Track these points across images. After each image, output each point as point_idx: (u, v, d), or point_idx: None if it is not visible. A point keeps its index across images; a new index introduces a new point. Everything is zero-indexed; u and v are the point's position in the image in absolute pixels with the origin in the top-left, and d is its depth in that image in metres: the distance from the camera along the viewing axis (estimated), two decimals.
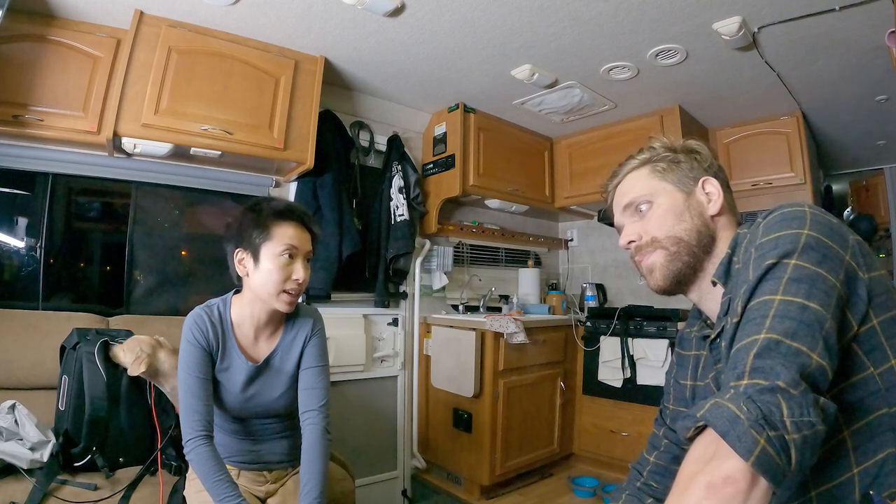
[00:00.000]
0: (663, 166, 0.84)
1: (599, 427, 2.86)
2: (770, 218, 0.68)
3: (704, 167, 0.84)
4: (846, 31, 1.92)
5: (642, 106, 2.78)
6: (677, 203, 0.82)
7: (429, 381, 2.78)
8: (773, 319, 0.58)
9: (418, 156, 2.95)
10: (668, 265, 0.80)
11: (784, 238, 0.64)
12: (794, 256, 0.62)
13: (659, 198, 0.83)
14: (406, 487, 2.70)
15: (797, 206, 0.68)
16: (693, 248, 0.80)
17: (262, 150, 2.07)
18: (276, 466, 1.30)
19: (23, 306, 1.87)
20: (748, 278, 0.64)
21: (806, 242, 0.62)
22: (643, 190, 0.84)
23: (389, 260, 2.61)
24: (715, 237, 0.80)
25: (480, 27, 1.99)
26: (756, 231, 0.69)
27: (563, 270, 3.84)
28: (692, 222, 0.80)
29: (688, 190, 0.83)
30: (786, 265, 0.61)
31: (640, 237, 0.83)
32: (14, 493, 1.26)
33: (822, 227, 0.64)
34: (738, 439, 0.49)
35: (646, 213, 0.83)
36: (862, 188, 3.96)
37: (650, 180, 0.84)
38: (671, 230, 0.80)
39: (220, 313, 1.23)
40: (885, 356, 0.62)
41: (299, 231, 1.20)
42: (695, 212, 0.81)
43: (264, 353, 1.25)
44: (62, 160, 1.98)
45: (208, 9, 1.88)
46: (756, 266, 0.64)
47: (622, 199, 0.87)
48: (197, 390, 1.14)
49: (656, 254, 0.81)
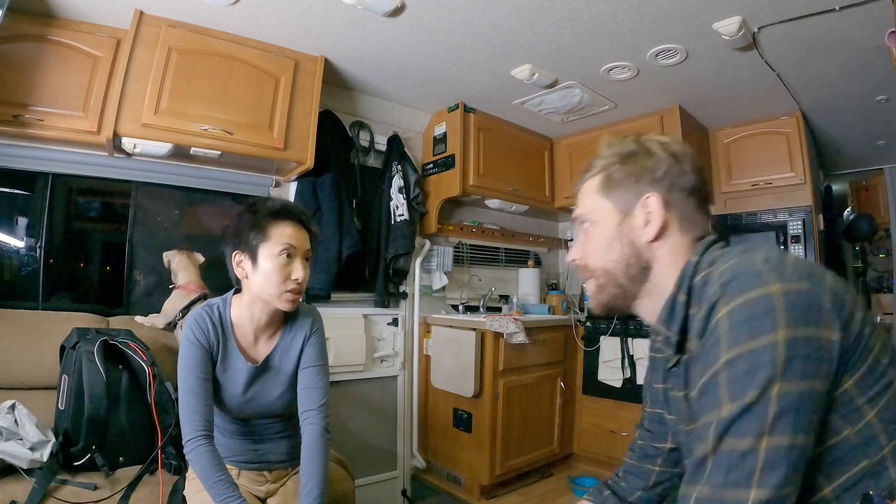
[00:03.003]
0: (608, 179, 0.78)
1: (599, 427, 2.86)
2: (733, 309, 0.60)
3: (654, 178, 0.74)
4: (846, 31, 1.92)
5: (642, 106, 2.78)
6: (609, 229, 0.76)
7: (429, 381, 2.78)
8: (762, 473, 0.55)
9: (418, 156, 2.95)
10: (597, 295, 0.79)
11: (758, 355, 0.57)
12: (775, 384, 0.56)
13: (596, 220, 0.78)
14: (406, 487, 2.70)
15: (761, 286, 0.59)
16: (619, 280, 0.76)
17: (262, 150, 2.07)
18: (276, 466, 1.30)
19: (23, 306, 1.87)
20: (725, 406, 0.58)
21: (786, 356, 0.56)
22: (586, 207, 0.80)
23: (389, 260, 2.61)
24: (649, 266, 0.75)
25: (480, 27, 1.99)
26: (717, 326, 0.61)
27: (563, 270, 3.84)
28: (620, 252, 0.75)
29: (626, 210, 0.76)
30: (768, 399, 0.56)
31: (581, 258, 0.81)
32: (14, 493, 1.26)
33: (798, 316, 0.57)
34: None
35: (587, 233, 0.80)
36: (862, 188, 3.96)
37: (596, 196, 0.79)
38: (599, 261, 0.77)
39: (221, 313, 1.22)
40: (861, 414, 0.61)
41: (297, 230, 1.19)
42: (625, 240, 0.75)
43: (263, 354, 1.25)
44: (62, 160, 1.98)
45: (208, 9, 1.88)
46: (732, 394, 0.58)
47: (575, 211, 0.84)
48: (197, 390, 1.13)
49: (589, 282, 0.80)
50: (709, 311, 0.64)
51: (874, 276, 3.95)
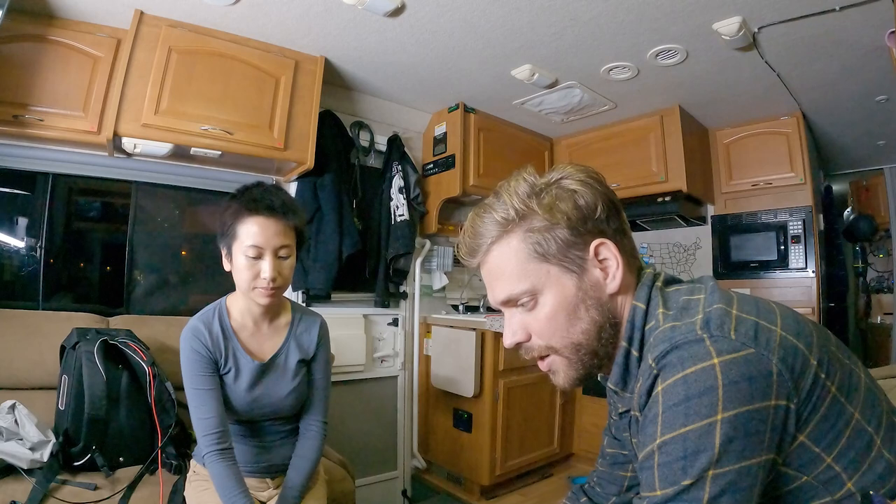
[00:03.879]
0: (537, 237, 0.63)
1: (599, 427, 2.85)
2: (671, 385, 0.55)
3: (593, 221, 0.63)
4: (846, 31, 1.92)
5: (642, 106, 2.78)
6: (568, 296, 0.64)
7: (429, 381, 2.78)
8: None
9: (418, 156, 2.95)
10: (571, 373, 0.67)
11: (693, 440, 0.53)
12: (710, 469, 0.52)
13: (545, 291, 0.64)
14: (406, 487, 2.70)
15: (701, 360, 0.54)
16: (596, 349, 0.65)
17: (262, 150, 2.07)
18: (279, 474, 1.29)
19: (23, 306, 1.87)
20: (658, 489, 0.55)
21: (723, 439, 0.52)
22: (520, 282, 0.64)
23: (389, 260, 2.61)
24: (620, 321, 0.66)
25: (480, 27, 1.99)
26: (654, 401, 0.57)
27: None
28: (589, 316, 0.64)
29: (578, 267, 0.64)
30: (703, 482, 0.52)
31: (528, 337, 0.67)
32: (14, 493, 1.26)
33: (738, 391, 0.52)
34: None
35: (530, 309, 0.66)
36: (862, 188, 3.96)
37: (526, 262, 0.64)
38: (566, 336, 0.65)
39: (220, 318, 1.22)
40: (819, 460, 0.57)
41: (267, 225, 1.12)
42: (591, 301, 0.64)
43: (270, 352, 1.25)
44: (62, 160, 1.98)
45: (208, 9, 1.88)
46: (665, 479, 0.54)
47: (496, 289, 0.67)
48: (207, 401, 1.13)
49: (554, 360, 0.68)
50: (650, 385, 0.59)
51: (874, 276, 3.96)
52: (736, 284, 2.92)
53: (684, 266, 3.14)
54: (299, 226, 1.20)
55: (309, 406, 1.30)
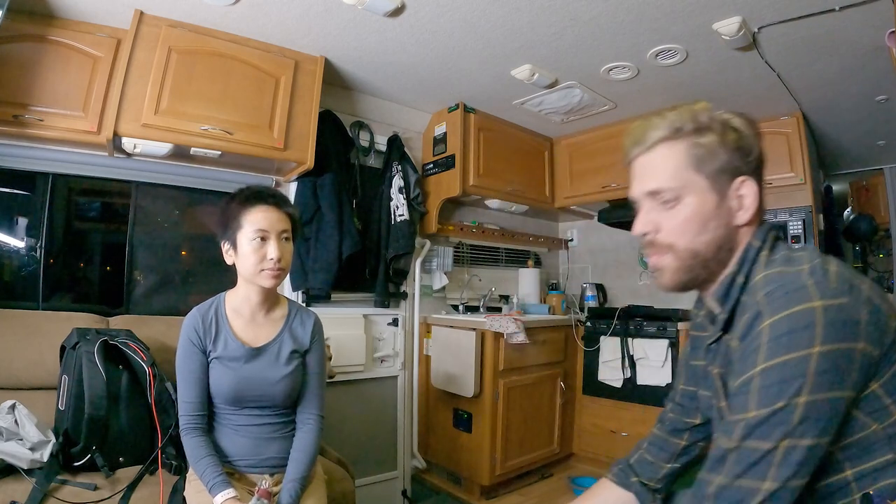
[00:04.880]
0: (701, 151, 0.72)
1: (599, 427, 2.86)
2: (777, 322, 0.62)
3: (745, 160, 0.72)
4: (846, 31, 1.92)
5: (642, 106, 2.77)
6: (706, 208, 0.72)
7: (429, 381, 2.78)
8: (776, 469, 0.60)
9: (418, 156, 2.95)
10: (677, 274, 0.75)
11: (792, 368, 0.60)
12: (805, 391, 0.60)
13: (689, 196, 0.72)
14: (406, 487, 2.70)
15: (806, 301, 0.62)
16: (709, 262, 0.73)
17: (262, 150, 2.07)
18: (277, 470, 1.30)
19: (23, 306, 1.87)
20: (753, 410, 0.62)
21: (817, 368, 0.59)
22: (672, 180, 0.73)
23: (389, 260, 2.61)
24: (735, 248, 0.73)
25: (480, 27, 1.99)
26: (759, 335, 0.64)
27: (563, 270, 3.84)
28: (715, 234, 0.72)
29: (721, 191, 0.72)
30: (795, 405, 0.60)
31: (657, 231, 0.75)
32: (14, 493, 1.26)
33: (834, 331, 0.60)
34: None
35: (669, 208, 0.73)
36: (862, 188, 3.95)
37: (683, 170, 0.73)
38: (691, 241, 0.72)
39: (216, 308, 1.31)
40: (888, 413, 0.64)
41: (269, 213, 1.26)
42: (721, 221, 0.72)
43: (263, 341, 1.32)
44: (62, 160, 1.98)
45: (208, 9, 1.88)
46: (763, 400, 0.62)
47: (646, 179, 0.76)
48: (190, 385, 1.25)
49: (668, 258, 0.75)
50: (753, 318, 0.66)
51: (874, 276, 3.95)
52: None
53: None
54: (294, 215, 1.33)
55: (305, 399, 1.35)
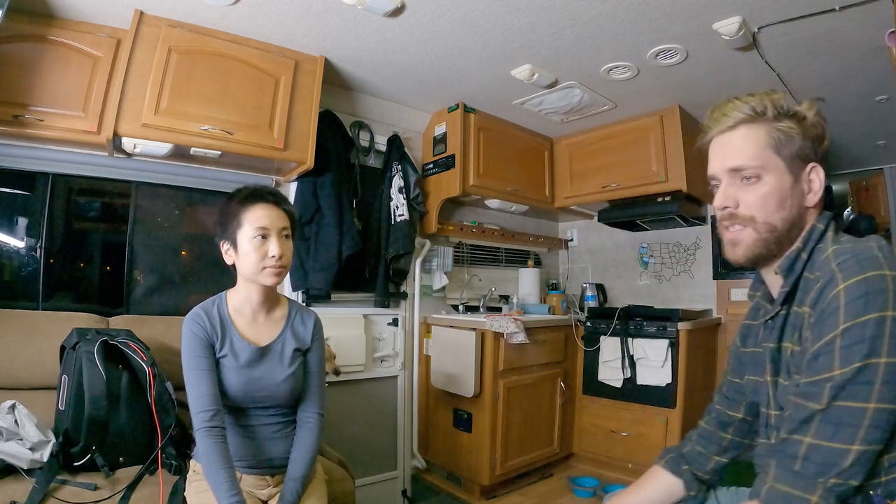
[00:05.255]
0: (781, 136, 0.79)
1: (599, 427, 2.86)
2: (851, 286, 0.67)
3: (816, 148, 0.81)
4: (846, 31, 1.92)
5: (642, 106, 2.78)
6: (784, 187, 0.79)
7: (429, 381, 2.78)
8: (865, 432, 0.64)
9: (418, 156, 2.95)
10: (754, 247, 0.81)
11: (869, 327, 0.65)
12: (883, 354, 0.64)
13: (769, 175, 0.79)
14: (406, 487, 2.70)
15: (877, 268, 0.67)
16: (782, 237, 0.80)
17: (262, 150, 2.07)
18: (278, 471, 1.30)
19: (23, 306, 1.87)
20: (837, 369, 0.66)
21: (892, 331, 0.64)
22: (756, 159, 0.79)
23: (389, 260, 2.61)
24: (803, 228, 0.81)
25: (480, 27, 1.99)
26: (835, 298, 0.68)
27: (563, 270, 3.84)
28: (790, 212, 0.79)
29: (796, 174, 0.80)
30: (875, 367, 0.64)
31: (736, 206, 0.81)
32: (14, 493, 1.26)
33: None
34: None
35: (750, 185, 0.80)
36: (862, 188, 3.95)
37: (765, 150, 0.79)
38: (770, 216, 0.79)
39: (219, 308, 1.29)
40: None
41: (268, 211, 1.25)
42: (796, 201, 0.80)
43: (266, 340, 1.31)
44: (62, 160, 1.98)
45: (208, 9, 1.88)
46: (845, 359, 0.66)
47: (728, 157, 0.82)
48: (202, 380, 1.20)
49: (747, 231, 0.81)
50: (826, 283, 0.70)
51: None
52: (736, 284, 2.93)
53: (684, 266, 3.14)
54: (293, 213, 1.33)
55: (305, 397, 1.34)
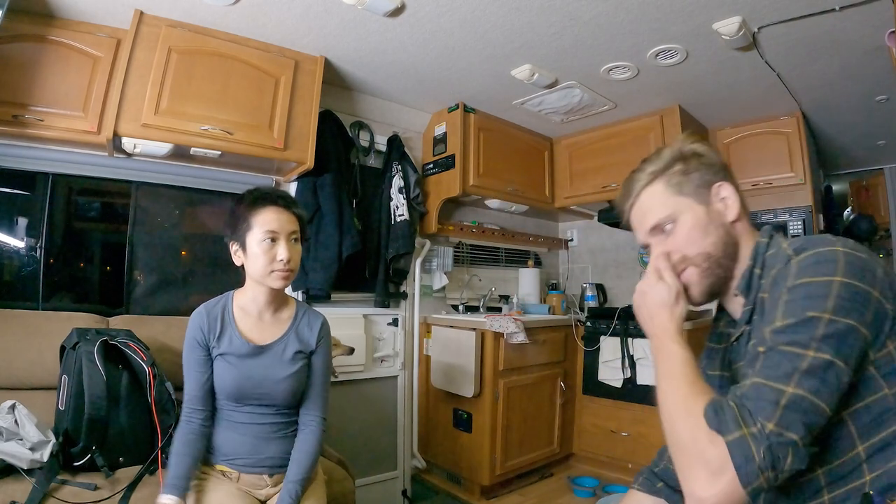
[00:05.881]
0: (677, 179, 0.84)
1: (599, 427, 2.86)
2: (804, 258, 0.71)
3: (714, 171, 0.85)
4: (846, 31, 1.92)
5: (642, 106, 2.78)
6: (699, 217, 0.83)
7: (429, 381, 2.78)
8: (803, 375, 0.63)
9: (418, 156, 2.95)
10: (703, 280, 0.83)
11: (817, 287, 0.67)
12: (828, 310, 0.65)
13: (682, 215, 0.83)
14: (406, 487, 2.70)
15: (830, 245, 0.70)
16: (721, 259, 0.82)
17: (262, 150, 2.07)
18: (276, 471, 1.30)
19: (23, 306, 1.87)
20: (780, 320, 0.68)
21: (838, 293, 0.66)
22: (664, 210, 0.84)
23: (389, 260, 2.61)
24: (738, 243, 0.83)
25: (480, 27, 1.99)
26: (788, 269, 0.71)
27: (563, 270, 3.84)
28: (717, 233, 0.82)
29: (705, 201, 0.84)
30: (818, 320, 0.65)
31: (674, 253, 0.85)
32: (14, 493, 1.26)
33: (854, 270, 0.67)
34: (746, 475, 0.61)
35: (672, 233, 0.84)
36: (862, 188, 3.96)
37: (668, 198, 0.84)
38: (699, 247, 0.82)
39: (223, 306, 1.32)
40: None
41: (278, 214, 1.26)
42: (716, 223, 0.83)
43: (268, 339, 1.32)
44: (62, 160, 1.98)
45: (208, 9, 1.88)
46: (789, 312, 0.67)
47: (645, 222, 0.87)
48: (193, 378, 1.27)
49: (689, 271, 0.83)
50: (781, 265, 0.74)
51: None
52: None
53: None
54: (302, 216, 1.34)
55: (308, 400, 1.34)
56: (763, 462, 0.61)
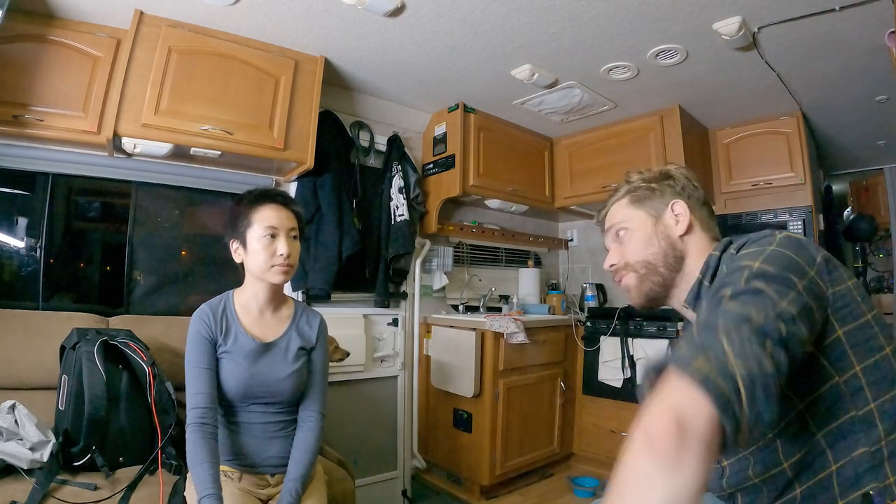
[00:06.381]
0: (640, 195, 0.95)
1: (599, 427, 2.86)
2: (744, 251, 0.75)
3: (677, 191, 0.94)
4: (846, 31, 1.92)
5: (642, 106, 2.78)
6: (646, 229, 0.92)
7: (429, 381, 2.78)
8: (730, 300, 0.63)
9: (418, 156, 2.95)
10: (639, 286, 0.92)
11: (752, 254, 0.71)
12: (762, 262, 0.67)
13: (632, 225, 0.93)
14: (406, 487, 2.70)
15: (769, 236, 0.75)
16: (660, 269, 0.90)
17: (262, 150, 2.07)
18: (278, 470, 1.30)
19: (23, 306, 1.87)
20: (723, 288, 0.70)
21: (772, 254, 0.69)
22: (620, 217, 0.96)
23: (389, 260, 2.61)
24: (684, 255, 0.90)
25: (480, 27, 1.99)
26: (730, 262, 0.76)
27: (563, 270, 3.84)
28: (659, 246, 0.90)
29: (657, 215, 0.92)
30: (750, 268, 0.67)
31: (617, 261, 0.95)
32: (14, 493, 1.26)
33: (790, 244, 0.71)
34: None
35: (622, 239, 0.94)
36: (862, 188, 3.96)
37: (627, 209, 0.95)
38: (640, 255, 0.91)
39: (225, 304, 1.32)
40: (849, 364, 0.69)
41: (278, 211, 1.29)
42: (661, 235, 0.91)
43: (273, 336, 1.33)
44: (62, 160, 1.98)
45: (208, 9, 1.88)
46: (734, 279, 0.68)
47: (607, 226, 0.99)
48: (200, 377, 1.23)
49: (628, 276, 0.93)
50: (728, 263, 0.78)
51: (874, 276, 3.95)
52: None
53: None
54: (301, 214, 1.37)
55: (307, 396, 1.35)
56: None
